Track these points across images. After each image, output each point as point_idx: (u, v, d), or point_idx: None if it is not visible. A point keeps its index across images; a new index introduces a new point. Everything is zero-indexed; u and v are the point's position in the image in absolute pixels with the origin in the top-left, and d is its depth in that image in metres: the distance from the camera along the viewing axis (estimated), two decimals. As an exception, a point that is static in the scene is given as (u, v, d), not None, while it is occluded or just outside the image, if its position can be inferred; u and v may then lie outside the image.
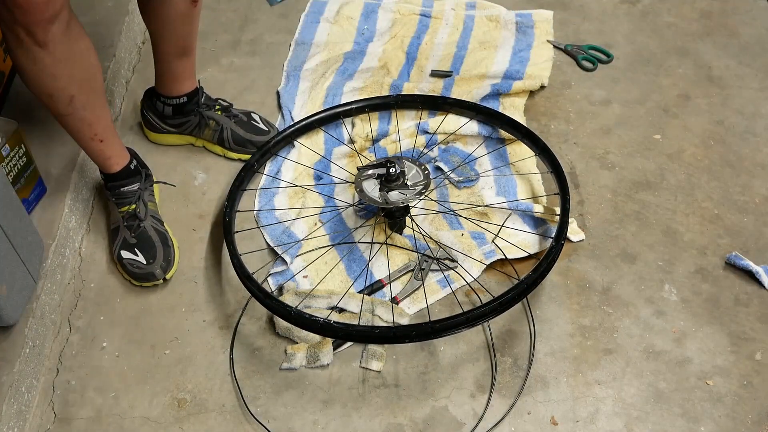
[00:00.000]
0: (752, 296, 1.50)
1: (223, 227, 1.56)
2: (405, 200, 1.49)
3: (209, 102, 1.75)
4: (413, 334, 1.31)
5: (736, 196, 1.67)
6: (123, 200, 1.57)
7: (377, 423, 1.35)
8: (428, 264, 1.53)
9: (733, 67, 1.96)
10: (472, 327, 1.34)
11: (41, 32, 1.23)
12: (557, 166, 1.59)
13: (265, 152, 1.70)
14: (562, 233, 1.46)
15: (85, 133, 1.45)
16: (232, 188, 1.63)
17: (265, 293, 1.40)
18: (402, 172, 1.52)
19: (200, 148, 1.80)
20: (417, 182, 1.52)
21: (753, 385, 1.38)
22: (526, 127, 1.68)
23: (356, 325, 1.36)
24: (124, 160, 1.56)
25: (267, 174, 1.73)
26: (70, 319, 1.51)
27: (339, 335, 1.36)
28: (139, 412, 1.38)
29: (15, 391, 1.32)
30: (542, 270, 1.39)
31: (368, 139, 1.78)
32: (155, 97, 1.72)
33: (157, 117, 1.75)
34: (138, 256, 1.54)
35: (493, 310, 1.33)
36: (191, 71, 1.68)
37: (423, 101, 1.79)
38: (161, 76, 1.68)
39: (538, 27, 2.06)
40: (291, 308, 1.36)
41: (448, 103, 1.78)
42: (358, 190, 1.51)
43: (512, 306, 1.36)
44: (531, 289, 1.37)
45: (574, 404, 1.36)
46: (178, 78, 1.68)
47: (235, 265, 1.47)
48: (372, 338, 1.34)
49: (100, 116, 1.45)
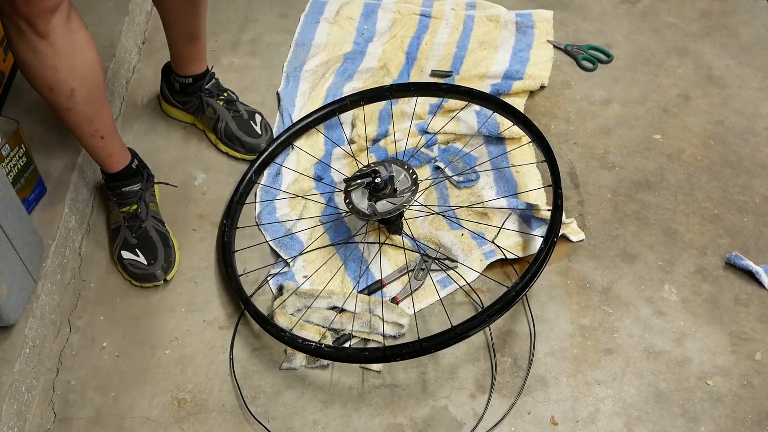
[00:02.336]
0: (752, 296, 1.50)
1: (221, 247, 1.57)
2: (392, 210, 1.47)
3: (215, 90, 1.77)
4: (403, 353, 1.32)
5: (736, 196, 1.67)
6: (124, 200, 1.57)
7: (377, 423, 1.35)
8: (428, 264, 1.53)
9: (733, 67, 1.96)
10: (461, 341, 1.33)
11: (42, 23, 1.24)
12: (551, 153, 1.55)
13: (263, 164, 1.71)
14: (552, 230, 1.42)
15: (85, 129, 1.45)
16: (230, 203, 1.63)
17: (263, 317, 1.44)
18: (390, 178, 1.50)
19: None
20: (405, 188, 1.50)
21: (753, 385, 1.38)
22: (520, 112, 1.64)
23: (346, 348, 1.40)
24: (126, 160, 1.56)
25: (268, 186, 1.72)
26: (70, 319, 1.51)
27: (332, 358, 1.37)
28: (139, 412, 1.38)
29: (15, 391, 1.32)
30: (530, 275, 1.36)
31: (368, 139, 1.78)
32: (170, 70, 1.79)
33: (169, 89, 1.82)
34: (139, 256, 1.54)
35: (482, 321, 1.32)
36: (198, 55, 1.72)
37: (417, 88, 1.77)
38: (172, 55, 1.74)
39: (538, 27, 2.06)
40: (285, 332, 1.39)
41: (442, 89, 1.75)
42: (346, 202, 1.51)
43: (501, 316, 1.34)
44: (519, 296, 1.34)
45: (574, 404, 1.36)
46: (185, 60, 1.73)
47: (233, 289, 1.49)
48: (363, 359, 1.36)
49: (101, 112, 1.45)
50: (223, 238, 1.56)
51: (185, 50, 1.70)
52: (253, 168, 1.69)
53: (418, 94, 1.77)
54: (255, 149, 1.75)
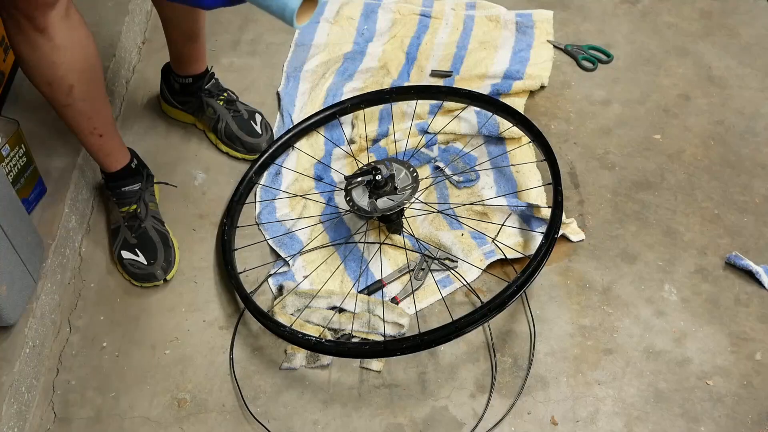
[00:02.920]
0: (752, 296, 1.50)
1: (221, 245, 1.57)
2: (392, 207, 1.47)
3: (215, 90, 1.77)
4: (404, 347, 1.32)
5: (736, 196, 1.67)
6: (124, 200, 1.57)
7: (377, 423, 1.35)
8: (428, 264, 1.53)
9: (733, 67, 1.96)
10: (462, 335, 1.33)
11: (40, 17, 1.23)
12: (550, 153, 1.55)
13: (263, 165, 1.71)
14: (552, 228, 1.42)
15: (84, 126, 1.45)
16: (230, 203, 1.63)
17: (262, 313, 1.43)
18: (391, 176, 1.50)
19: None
20: (406, 185, 1.50)
21: (753, 385, 1.38)
22: (520, 113, 1.65)
23: (347, 343, 1.41)
24: (125, 159, 1.56)
25: (268, 186, 1.72)
26: (70, 319, 1.51)
27: (332, 353, 1.37)
28: (139, 412, 1.38)
29: (15, 391, 1.32)
30: (530, 270, 1.36)
31: (368, 139, 1.78)
32: (169, 71, 1.78)
33: (168, 90, 1.82)
34: (139, 256, 1.54)
35: (483, 316, 1.32)
36: (197, 56, 1.72)
37: (417, 91, 1.78)
38: (172, 55, 1.74)
39: (538, 27, 2.06)
40: (285, 328, 1.39)
41: (442, 92, 1.76)
42: (347, 199, 1.51)
43: (503, 310, 1.34)
44: (520, 291, 1.34)
45: (574, 404, 1.36)
46: (185, 60, 1.73)
47: (233, 285, 1.50)
48: (363, 354, 1.36)
49: (100, 109, 1.45)
50: (223, 237, 1.57)
51: (185, 50, 1.70)
52: (253, 169, 1.69)
53: (418, 97, 1.78)
54: (256, 149, 1.75)
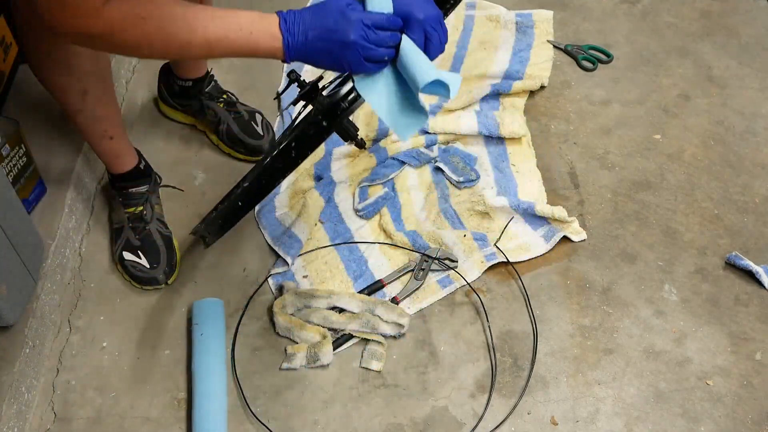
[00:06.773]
0: (752, 296, 1.50)
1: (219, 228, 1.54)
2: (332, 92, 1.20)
3: (215, 93, 1.77)
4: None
5: (736, 196, 1.67)
6: (130, 201, 1.57)
7: (377, 423, 1.35)
8: (428, 264, 1.53)
9: (733, 67, 1.96)
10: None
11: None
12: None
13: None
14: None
15: (95, 130, 1.45)
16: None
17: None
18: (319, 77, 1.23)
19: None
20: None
21: (753, 385, 1.38)
22: None
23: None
24: (133, 160, 1.56)
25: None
26: (70, 319, 1.51)
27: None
28: (139, 412, 1.38)
29: (15, 391, 1.32)
30: None
31: (367, 139, 1.78)
32: (169, 72, 1.78)
33: (167, 91, 1.81)
34: (141, 258, 1.54)
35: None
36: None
37: None
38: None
39: (538, 27, 2.06)
40: None
41: None
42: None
43: None
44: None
45: (574, 404, 1.36)
46: (185, 63, 1.72)
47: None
48: None
49: (111, 112, 1.45)
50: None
51: None
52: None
53: None
54: (257, 151, 1.74)
